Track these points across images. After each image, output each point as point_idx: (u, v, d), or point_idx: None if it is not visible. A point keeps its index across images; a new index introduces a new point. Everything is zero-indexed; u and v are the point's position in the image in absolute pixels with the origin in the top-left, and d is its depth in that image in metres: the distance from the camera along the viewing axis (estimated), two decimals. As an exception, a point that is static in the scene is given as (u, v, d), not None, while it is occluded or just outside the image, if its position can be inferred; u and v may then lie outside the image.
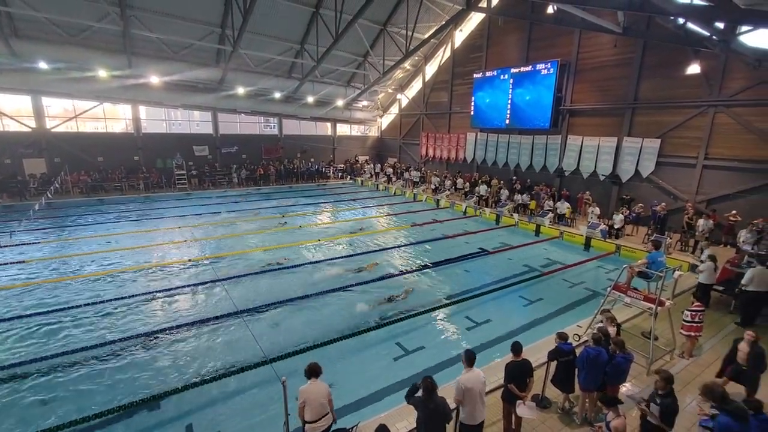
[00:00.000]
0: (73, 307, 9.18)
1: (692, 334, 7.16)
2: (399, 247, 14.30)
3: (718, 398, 4.18)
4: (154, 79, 21.45)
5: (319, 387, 4.61)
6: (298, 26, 22.73)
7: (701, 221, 12.73)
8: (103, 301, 9.47)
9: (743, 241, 11.53)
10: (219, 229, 16.37)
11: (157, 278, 11.09)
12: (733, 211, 12.92)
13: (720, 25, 11.26)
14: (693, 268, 11.67)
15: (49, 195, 19.43)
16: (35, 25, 17.57)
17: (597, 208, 15.65)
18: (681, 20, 12.47)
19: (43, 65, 18.66)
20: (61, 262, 12.20)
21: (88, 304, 9.30)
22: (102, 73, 19.82)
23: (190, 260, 12.37)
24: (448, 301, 9.79)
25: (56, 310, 9.04)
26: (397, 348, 7.79)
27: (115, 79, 20.59)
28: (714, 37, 11.51)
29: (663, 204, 14.34)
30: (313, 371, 4.63)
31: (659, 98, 15.56)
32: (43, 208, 18.44)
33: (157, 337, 8.02)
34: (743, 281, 8.44)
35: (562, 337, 5.84)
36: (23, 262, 12.03)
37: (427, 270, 11.98)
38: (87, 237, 14.76)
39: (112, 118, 26.55)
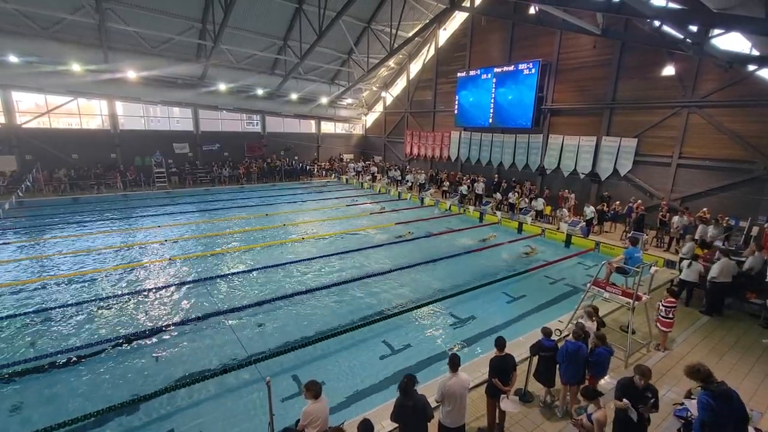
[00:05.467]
0: (47, 309, 8.87)
1: (664, 329, 7.41)
2: (384, 245, 14.28)
3: (704, 377, 4.35)
4: (132, 75, 20.86)
5: (323, 406, 4.46)
6: (281, 22, 22.43)
7: (676, 218, 13.16)
8: (79, 303, 9.18)
9: (710, 236, 11.94)
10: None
11: (137, 278, 10.83)
12: (704, 209, 13.39)
13: (693, 28, 11.63)
14: (668, 263, 12.08)
15: (20, 194, 18.70)
16: (4, 17, 16.79)
17: (565, 210, 16.27)
18: (657, 23, 12.84)
19: (13, 58, 17.90)
20: (34, 262, 11.77)
21: (63, 306, 9.00)
22: (76, 67, 19.15)
23: (169, 258, 12.11)
24: (433, 299, 9.84)
25: (28, 313, 8.71)
26: (383, 346, 7.80)
27: (90, 74, 19.94)
28: (688, 39, 11.87)
29: (639, 202, 14.79)
30: (315, 393, 4.43)
31: (636, 99, 16.00)
32: (13, 208, 17.73)
33: (135, 339, 7.83)
34: (713, 273, 8.89)
35: (546, 333, 5.96)
36: (-7, 263, 11.56)
37: (413, 267, 12.03)
38: (62, 237, 14.25)
39: (88, 114, 25.70)
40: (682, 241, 12.89)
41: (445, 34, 25.19)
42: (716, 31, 11.46)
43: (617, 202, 15.70)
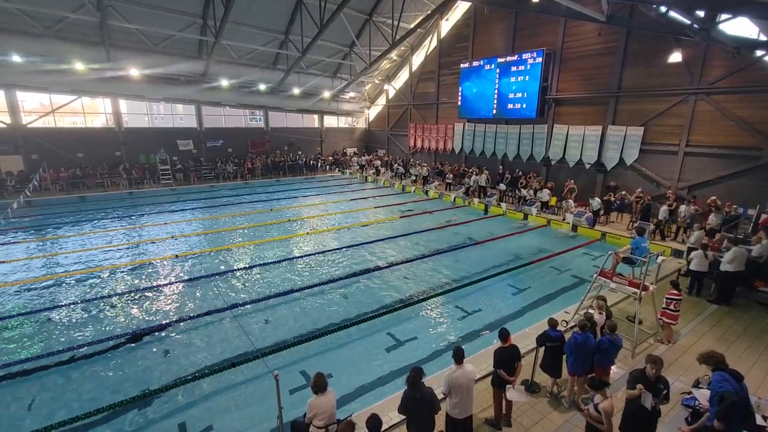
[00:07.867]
0: (58, 307, 9.00)
1: (669, 321, 7.37)
2: (389, 238, 14.30)
3: (717, 363, 4.48)
4: (134, 72, 20.85)
5: (328, 399, 4.49)
6: (281, 16, 22.30)
7: (683, 207, 13.03)
8: (89, 300, 9.32)
9: (709, 224, 11.79)
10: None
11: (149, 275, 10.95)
12: (713, 197, 13.24)
13: (700, 13, 11.39)
14: (676, 253, 12.00)
15: (28, 193, 18.89)
16: (7, 16, 16.84)
17: (571, 201, 16.07)
18: (663, 8, 12.60)
19: (16, 58, 17.96)
20: (44, 260, 11.92)
21: (74, 303, 9.14)
22: (79, 65, 19.17)
23: (176, 255, 12.21)
24: (439, 291, 9.88)
25: (40, 310, 8.85)
26: (389, 339, 7.85)
27: (93, 72, 19.93)
28: (695, 25, 11.64)
29: (639, 189, 14.90)
30: (320, 386, 4.46)
31: (642, 86, 15.77)
32: (21, 207, 17.93)
33: (145, 334, 7.94)
34: (726, 261, 8.76)
35: (552, 323, 5.97)
36: (3, 262, 11.71)
37: (418, 260, 12.07)
38: (71, 235, 14.42)
39: (92, 113, 25.85)
40: (689, 230, 12.79)
41: (447, 24, 24.90)
42: (724, 16, 11.23)
43: (623, 192, 15.57)
